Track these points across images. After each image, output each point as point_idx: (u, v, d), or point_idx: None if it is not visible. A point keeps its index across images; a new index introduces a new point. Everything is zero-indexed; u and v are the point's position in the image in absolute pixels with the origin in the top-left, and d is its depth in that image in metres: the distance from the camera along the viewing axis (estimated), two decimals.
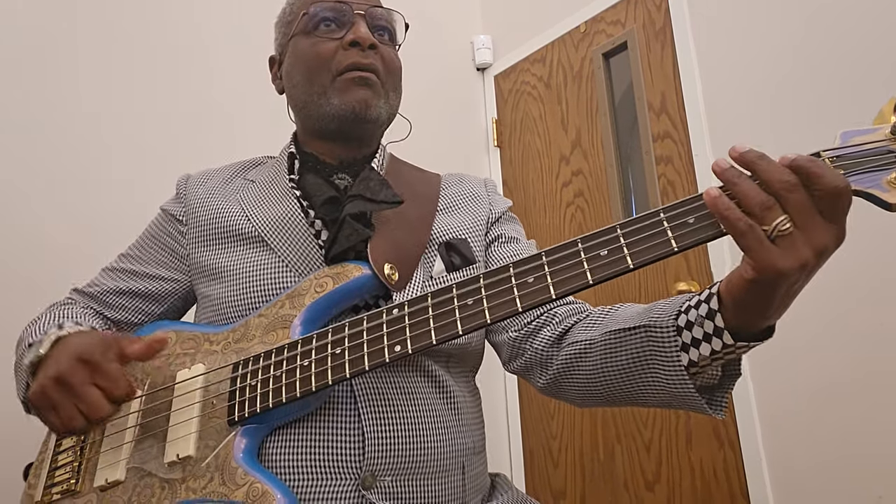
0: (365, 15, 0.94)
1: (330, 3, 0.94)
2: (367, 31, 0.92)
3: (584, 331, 0.85)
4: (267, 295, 0.87)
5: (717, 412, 0.75)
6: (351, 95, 0.91)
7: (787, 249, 0.58)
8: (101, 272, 1.04)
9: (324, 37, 0.93)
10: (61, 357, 0.79)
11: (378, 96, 0.93)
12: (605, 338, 0.80)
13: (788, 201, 0.58)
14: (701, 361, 0.70)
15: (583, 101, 2.50)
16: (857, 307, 1.66)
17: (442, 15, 2.81)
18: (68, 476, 0.85)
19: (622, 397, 0.81)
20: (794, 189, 0.58)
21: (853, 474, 1.61)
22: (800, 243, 0.58)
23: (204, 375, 0.83)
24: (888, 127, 0.65)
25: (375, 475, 0.78)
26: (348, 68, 0.91)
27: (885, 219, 1.59)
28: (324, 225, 0.90)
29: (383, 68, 0.94)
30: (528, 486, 2.36)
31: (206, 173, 1.04)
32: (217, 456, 0.77)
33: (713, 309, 0.68)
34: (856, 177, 0.63)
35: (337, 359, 0.75)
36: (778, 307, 0.63)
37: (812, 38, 1.85)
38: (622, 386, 0.79)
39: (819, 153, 0.64)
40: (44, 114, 1.61)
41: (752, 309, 0.64)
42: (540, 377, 0.90)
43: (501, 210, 1.03)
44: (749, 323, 0.66)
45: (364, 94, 0.91)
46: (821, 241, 0.58)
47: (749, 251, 0.59)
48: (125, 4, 1.83)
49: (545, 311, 0.91)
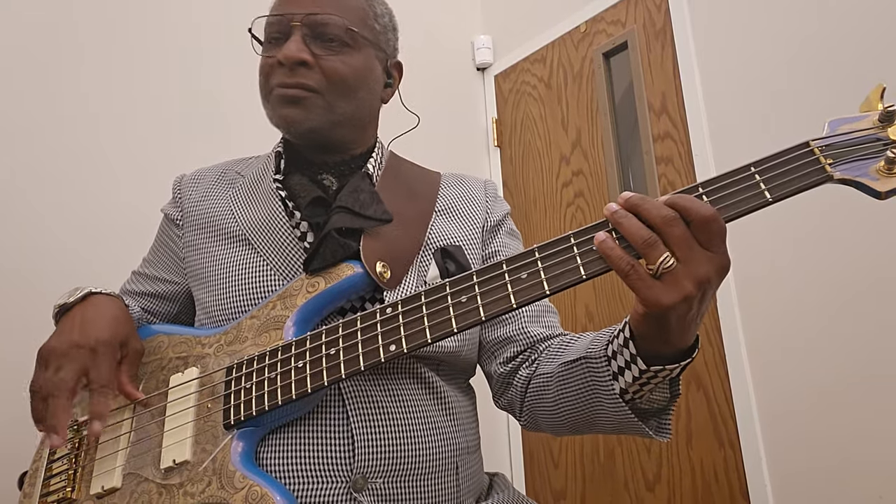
0: (301, 26, 0.91)
1: (272, 17, 0.93)
2: (295, 47, 0.89)
3: (546, 363, 0.88)
4: (252, 298, 0.88)
5: (662, 436, 0.78)
6: (279, 112, 0.92)
7: (671, 284, 0.61)
8: (130, 275, 1.09)
9: (265, 53, 0.95)
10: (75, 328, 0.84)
11: (309, 110, 0.91)
12: (559, 370, 0.84)
13: (670, 235, 0.61)
14: (630, 388, 0.73)
15: (583, 101, 2.49)
16: (857, 307, 1.65)
17: (442, 15, 2.81)
18: (64, 484, 0.85)
19: (583, 426, 0.84)
20: (674, 223, 0.61)
21: (853, 474, 1.60)
22: (682, 277, 0.61)
23: (198, 379, 0.83)
24: (875, 114, 0.65)
25: (366, 477, 0.78)
26: (274, 87, 0.91)
27: (886, 219, 1.59)
28: (309, 227, 0.90)
29: (322, 80, 0.90)
30: (528, 486, 2.36)
31: (199, 173, 1.05)
32: (214, 460, 0.77)
33: (626, 337, 0.71)
34: (845, 166, 0.63)
35: (332, 360, 0.75)
36: (679, 334, 0.66)
37: (812, 39, 1.84)
38: (579, 415, 0.82)
39: (808, 142, 0.65)
40: (44, 114, 1.60)
41: (652, 339, 0.68)
42: (519, 415, 0.94)
43: (498, 218, 1.03)
44: (658, 350, 0.69)
45: (289, 111, 0.91)
46: (702, 272, 0.61)
47: (634, 289, 0.63)
48: (126, 5, 1.83)
49: (529, 346, 0.93)
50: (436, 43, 2.74)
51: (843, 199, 1.68)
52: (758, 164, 0.65)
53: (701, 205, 0.61)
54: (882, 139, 0.64)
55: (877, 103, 0.66)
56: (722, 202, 0.65)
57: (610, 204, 0.65)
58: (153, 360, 0.90)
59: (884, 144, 0.63)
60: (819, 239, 1.74)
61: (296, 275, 0.87)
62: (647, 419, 0.78)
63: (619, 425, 0.78)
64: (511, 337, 0.94)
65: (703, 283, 0.61)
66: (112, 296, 0.93)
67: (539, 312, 0.96)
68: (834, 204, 1.67)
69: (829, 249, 1.71)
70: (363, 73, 0.95)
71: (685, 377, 2.00)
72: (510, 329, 0.94)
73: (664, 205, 0.62)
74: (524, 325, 0.94)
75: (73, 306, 0.90)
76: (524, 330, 0.93)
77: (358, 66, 0.94)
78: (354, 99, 0.94)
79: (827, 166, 0.64)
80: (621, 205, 0.64)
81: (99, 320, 0.85)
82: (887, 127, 0.64)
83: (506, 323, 0.95)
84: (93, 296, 0.91)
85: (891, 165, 0.62)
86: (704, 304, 0.64)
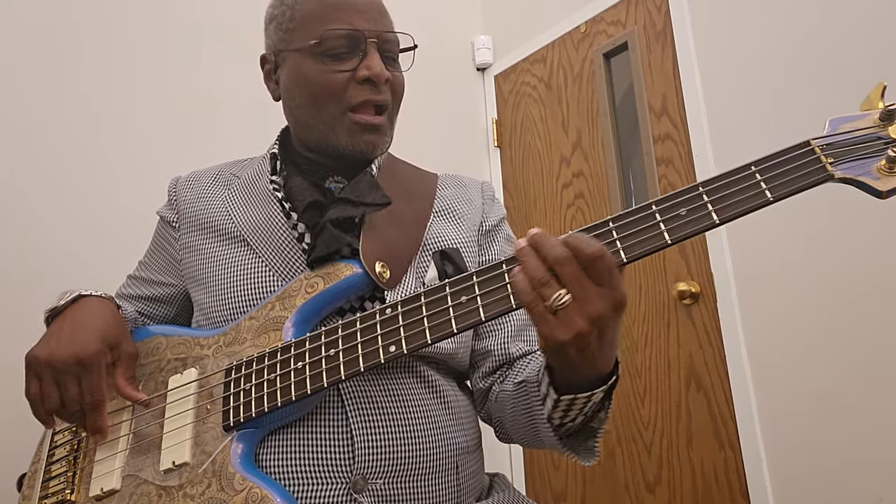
0: (377, 42, 0.90)
1: (343, 31, 0.89)
2: (380, 64, 0.89)
3: (507, 382, 0.89)
4: (251, 299, 0.87)
5: (586, 459, 0.79)
6: (360, 139, 0.90)
7: (563, 321, 0.62)
8: (125, 279, 1.08)
9: (334, 67, 0.89)
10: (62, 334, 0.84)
11: (384, 135, 0.93)
12: (512, 390, 0.85)
13: (563, 274, 0.62)
14: (555, 414, 0.74)
15: (583, 102, 2.49)
16: (857, 308, 1.65)
17: (442, 15, 2.81)
18: (63, 486, 0.85)
19: (534, 443, 0.85)
20: (566, 262, 0.62)
21: (853, 475, 1.60)
22: (574, 314, 0.62)
23: (197, 381, 0.83)
24: (876, 113, 0.65)
25: (366, 478, 0.78)
26: (362, 105, 0.90)
27: (887, 221, 1.59)
28: (307, 228, 0.90)
29: (389, 98, 0.92)
30: (529, 487, 2.36)
31: (194, 175, 1.05)
32: (214, 462, 0.76)
33: (544, 366, 0.73)
34: (846, 165, 0.63)
35: (331, 361, 0.75)
36: (585, 367, 0.67)
37: (812, 39, 1.84)
38: (526, 433, 0.84)
39: (809, 142, 0.65)
40: (44, 114, 1.60)
41: (561, 369, 0.69)
42: (494, 428, 0.95)
43: (494, 222, 1.02)
44: (570, 379, 0.70)
45: (373, 138, 0.91)
46: (595, 309, 0.62)
47: (535, 324, 0.64)
48: (126, 5, 1.83)
49: (506, 363, 0.94)
50: (436, 43, 2.74)
51: (843, 200, 1.68)
52: (758, 164, 0.65)
53: (588, 243, 0.62)
54: (883, 138, 0.63)
55: (877, 102, 0.66)
56: (723, 202, 0.64)
57: (519, 240, 0.66)
58: (152, 362, 0.89)
59: (885, 143, 0.63)
60: (820, 240, 1.73)
61: (294, 275, 0.86)
62: (584, 441, 0.79)
63: (553, 447, 0.79)
64: (491, 351, 0.94)
65: (595, 320, 0.62)
66: (103, 298, 0.93)
67: (522, 326, 0.96)
68: (835, 205, 1.67)
69: (830, 251, 1.71)
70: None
71: (685, 378, 1.99)
72: (491, 343, 0.95)
73: (560, 244, 0.63)
74: (504, 340, 0.94)
75: (63, 310, 0.89)
76: (503, 346, 0.94)
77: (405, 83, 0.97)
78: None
79: (828, 165, 0.63)
80: (526, 241, 0.65)
81: (88, 325, 0.85)
82: (888, 125, 0.64)
83: (489, 336, 0.95)
84: (83, 298, 0.91)
85: (892, 164, 0.61)
86: (606, 338, 0.65)
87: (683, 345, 2.02)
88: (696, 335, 1.99)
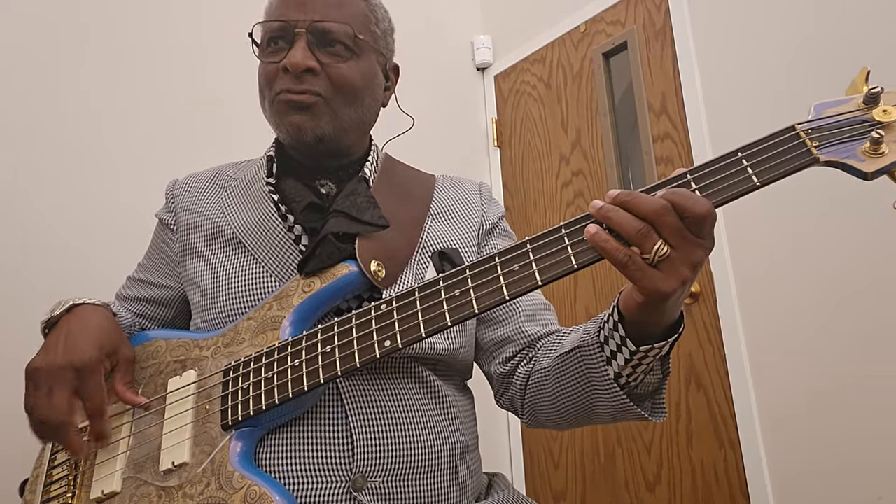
0: (305, 33, 0.89)
1: (272, 23, 0.92)
2: (301, 54, 0.88)
3: (542, 359, 0.89)
4: (248, 300, 0.88)
5: (657, 416, 0.79)
6: (285, 119, 0.90)
7: (668, 272, 0.63)
8: (125, 280, 1.08)
9: (267, 59, 0.92)
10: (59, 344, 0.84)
11: (317, 117, 0.90)
12: (555, 363, 0.84)
13: (662, 225, 0.63)
14: (624, 371, 0.74)
15: (583, 101, 2.49)
16: (857, 307, 1.65)
17: (442, 15, 2.81)
18: (64, 490, 0.86)
19: (583, 416, 0.85)
20: (666, 213, 0.62)
21: (853, 475, 1.60)
22: (678, 263, 0.63)
23: (196, 382, 0.83)
24: (860, 97, 0.65)
25: (366, 476, 0.78)
26: (278, 93, 0.90)
27: (886, 219, 1.59)
28: (304, 231, 0.90)
29: (329, 87, 0.90)
30: (529, 487, 2.36)
31: (192, 177, 1.05)
32: (213, 461, 0.77)
33: (616, 321, 0.73)
34: (831, 148, 0.63)
35: (327, 357, 0.75)
36: (669, 314, 0.69)
37: (812, 39, 1.84)
38: (577, 406, 0.83)
39: (794, 126, 0.66)
40: (46, 113, 1.61)
41: (646, 323, 0.70)
42: (521, 412, 0.94)
43: (494, 221, 1.02)
44: (647, 331, 0.71)
45: (296, 118, 0.89)
46: (696, 256, 0.63)
47: (633, 279, 0.64)
48: (127, 4, 1.83)
49: (527, 345, 0.94)
50: (436, 43, 2.74)
51: (843, 200, 1.68)
52: (745, 149, 0.66)
53: (695, 201, 0.62)
54: (867, 121, 0.64)
55: (862, 86, 0.66)
56: (710, 188, 0.65)
57: (595, 201, 0.66)
58: (151, 365, 0.90)
59: (869, 125, 0.64)
60: (819, 239, 1.74)
61: (291, 277, 0.87)
62: (641, 402, 0.79)
63: (616, 412, 0.79)
64: (509, 338, 0.94)
65: (697, 266, 0.63)
66: (97, 305, 0.93)
67: (535, 310, 0.96)
68: (834, 203, 1.68)
69: (830, 249, 1.71)
70: (368, 78, 0.94)
71: (685, 377, 2.00)
72: (507, 330, 0.94)
73: (656, 198, 0.63)
74: (520, 324, 0.94)
75: (59, 320, 0.89)
76: (521, 330, 0.94)
77: (363, 73, 0.93)
78: (361, 105, 0.94)
79: (813, 149, 0.64)
80: (609, 201, 0.66)
81: (84, 333, 0.85)
82: (872, 108, 0.65)
83: (503, 324, 0.95)
84: (77, 307, 0.91)
85: (876, 146, 0.62)
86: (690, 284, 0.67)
87: (683, 344, 2.02)
88: (696, 334, 2.00)
